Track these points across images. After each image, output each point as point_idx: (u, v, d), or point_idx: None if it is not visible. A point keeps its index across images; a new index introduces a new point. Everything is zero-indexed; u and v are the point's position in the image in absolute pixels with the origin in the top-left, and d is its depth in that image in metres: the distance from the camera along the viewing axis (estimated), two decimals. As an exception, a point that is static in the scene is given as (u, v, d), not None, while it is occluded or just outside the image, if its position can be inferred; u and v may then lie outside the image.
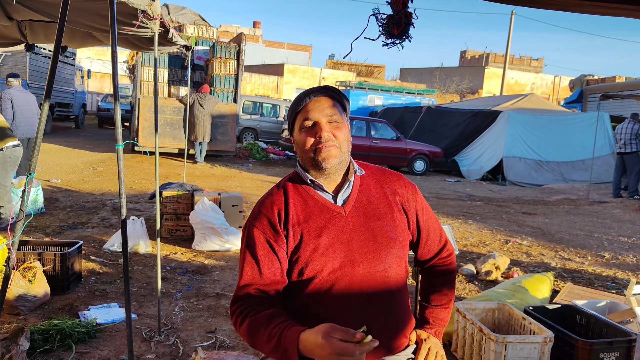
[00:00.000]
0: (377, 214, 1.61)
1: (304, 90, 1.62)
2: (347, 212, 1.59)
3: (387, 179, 1.69)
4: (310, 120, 1.55)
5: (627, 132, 10.87)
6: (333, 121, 1.56)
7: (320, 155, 1.54)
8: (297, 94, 1.65)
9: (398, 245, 1.61)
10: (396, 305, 1.63)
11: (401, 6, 1.77)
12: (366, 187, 1.65)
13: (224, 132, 12.98)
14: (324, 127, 1.54)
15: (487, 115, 14.61)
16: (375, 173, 1.70)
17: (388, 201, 1.65)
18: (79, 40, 4.72)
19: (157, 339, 3.19)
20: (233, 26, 40.43)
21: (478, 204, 9.62)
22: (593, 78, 25.25)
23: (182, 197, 5.62)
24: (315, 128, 1.55)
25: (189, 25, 14.24)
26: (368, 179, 1.67)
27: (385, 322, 1.59)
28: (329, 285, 1.54)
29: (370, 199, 1.63)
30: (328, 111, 1.56)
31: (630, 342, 2.81)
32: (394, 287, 1.62)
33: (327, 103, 1.56)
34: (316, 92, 1.58)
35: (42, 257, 3.78)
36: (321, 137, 1.54)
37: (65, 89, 18.36)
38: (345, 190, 1.62)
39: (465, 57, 49.61)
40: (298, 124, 1.59)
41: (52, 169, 9.83)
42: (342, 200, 1.61)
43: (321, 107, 1.56)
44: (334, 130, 1.55)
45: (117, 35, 3.85)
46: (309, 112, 1.56)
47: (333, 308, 1.54)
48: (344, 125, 1.59)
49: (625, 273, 5.47)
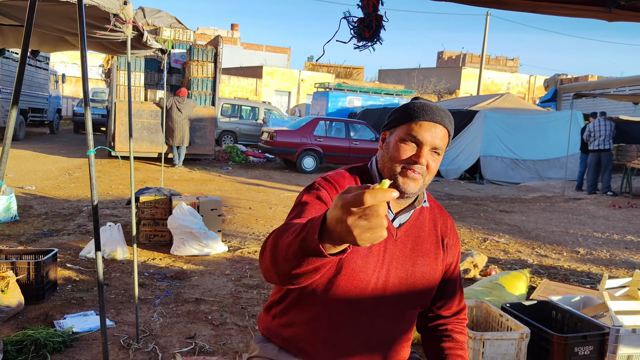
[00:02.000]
0: (424, 251, 1.58)
1: (431, 103, 1.52)
2: (398, 235, 1.55)
3: (442, 220, 1.66)
4: (416, 140, 1.47)
5: (607, 129, 11.09)
6: (436, 152, 1.50)
7: (403, 177, 1.48)
8: (418, 100, 1.53)
9: (431, 286, 1.60)
10: (402, 334, 1.62)
11: (372, 9, 1.78)
12: (422, 220, 1.61)
13: (203, 135, 12.89)
14: (425, 154, 1.47)
15: (464, 115, 14.79)
16: (434, 210, 1.66)
17: (437, 241, 1.61)
18: (51, 44, 4.65)
19: (135, 346, 3.15)
20: (210, 29, 40.21)
21: (456, 202, 9.72)
22: (567, 77, 25.77)
23: (160, 202, 5.56)
24: (415, 149, 1.47)
25: (165, 29, 14.11)
26: (426, 212, 1.63)
27: (386, 347, 1.58)
28: (354, 293, 1.50)
29: (422, 233, 1.59)
30: (438, 142, 1.48)
31: (603, 336, 2.87)
32: (410, 320, 1.62)
33: (442, 133, 1.49)
34: (439, 118, 1.48)
35: (15, 266, 3.70)
36: (417, 162, 1.46)
37: (38, 93, 18.02)
38: (405, 215, 1.57)
39: (443, 57, 50.16)
40: (401, 134, 1.49)
41: (26, 175, 9.63)
42: (398, 222, 1.56)
43: (436, 134, 1.47)
44: (430, 162, 1.49)
45: (89, 39, 3.79)
46: (422, 131, 1.47)
47: (347, 313, 1.51)
48: (440, 159, 1.53)
49: (599, 268, 5.58)
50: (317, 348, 1.55)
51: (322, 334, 1.54)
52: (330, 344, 1.54)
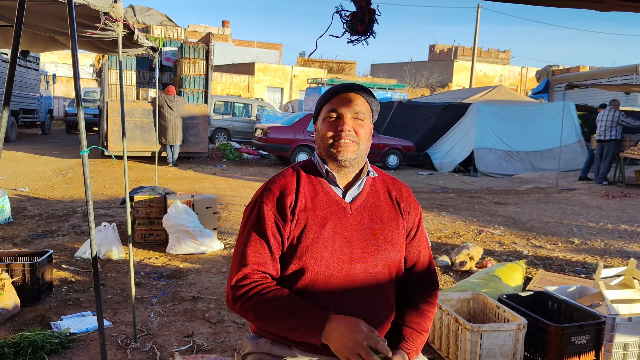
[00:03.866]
0: (381, 218, 1.62)
1: (338, 84, 1.62)
2: (353, 209, 1.60)
3: (396, 188, 1.71)
4: (336, 112, 1.57)
5: (608, 120, 11.09)
6: (358, 118, 1.57)
7: (336, 148, 1.55)
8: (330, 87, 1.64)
9: (397, 250, 1.63)
10: (384, 307, 1.63)
11: (364, 3, 1.78)
12: (375, 191, 1.66)
13: (196, 133, 12.84)
14: (347, 121, 1.56)
15: (457, 108, 14.82)
16: (386, 179, 1.72)
17: (394, 207, 1.66)
18: (41, 44, 4.61)
19: (133, 346, 3.14)
20: (201, 26, 40.00)
21: (451, 196, 9.75)
22: (558, 68, 25.83)
23: (155, 201, 5.55)
24: (338, 121, 1.56)
25: (155, 27, 14.03)
26: (378, 183, 1.68)
27: (371, 322, 1.57)
28: (324, 277, 1.54)
29: (378, 202, 1.64)
30: (355, 108, 1.57)
31: (599, 325, 2.89)
32: (386, 289, 1.63)
33: (357, 100, 1.58)
34: (349, 88, 1.59)
35: (10, 268, 3.68)
36: (342, 130, 1.55)
37: (29, 94, 17.90)
38: (356, 189, 1.63)
39: (435, 51, 50.18)
40: (323, 114, 1.60)
41: (18, 177, 9.57)
42: (350, 197, 1.62)
43: (351, 102, 1.57)
44: (356, 127, 1.57)
45: (80, 39, 3.77)
46: (336, 104, 1.57)
47: (323, 300, 1.54)
48: (367, 125, 1.60)
49: (594, 257, 5.62)
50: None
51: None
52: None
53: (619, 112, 11.02)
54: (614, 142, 11.11)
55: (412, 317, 1.64)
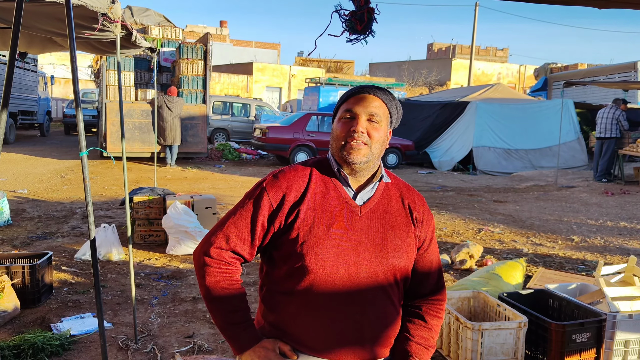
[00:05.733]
0: (392, 224, 1.58)
1: (359, 85, 1.59)
2: (362, 212, 1.56)
3: (410, 196, 1.67)
4: (351, 112, 1.53)
5: (608, 117, 11.12)
6: (373, 120, 1.53)
7: (347, 150, 1.51)
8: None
9: (405, 258, 1.59)
10: (392, 313, 1.60)
11: (363, 2, 1.77)
12: (388, 196, 1.62)
13: (195, 133, 12.83)
14: (361, 122, 1.51)
15: (455, 107, 14.81)
16: (400, 186, 1.68)
17: (406, 215, 1.62)
18: (39, 45, 4.60)
19: (133, 347, 3.14)
20: (199, 26, 39.96)
21: (450, 194, 9.75)
22: (557, 66, 25.86)
23: (154, 202, 5.54)
24: (352, 121, 1.52)
25: (153, 27, 14.00)
26: (392, 189, 1.64)
27: (374, 330, 1.56)
28: (327, 279, 1.50)
29: (389, 207, 1.60)
30: (372, 110, 1.52)
31: (600, 322, 2.89)
32: (393, 296, 1.59)
33: (374, 102, 1.53)
34: (368, 89, 1.55)
35: (10, 271, 3.67)
36: (355, 130, 1.50)
37: (27, 96, 17.86)
38: (367, 192, 1.59)
39: (433, 49, 50.16)
40: (339, 114, 1.56)
41: (17, 179, 9.56)
42: (361, 200, 1.58)
43: (367, 103, 1.52)
44: (370, 129, 1.52)
45: (77, 40, 3.76)
46: (352, 104, 1.53)
47: (327, 303, 1.51)
48: (383, 130, 1.55)
49: (594, 255, 5.62)
50: (303, 333, 1.54)
51: (307, 321, 1.53)
52: (317, 330, 1.53)
53: (619, 110, 11.06)
54: (613, 139, 11.14)
55: (421, 332, 1.62)
